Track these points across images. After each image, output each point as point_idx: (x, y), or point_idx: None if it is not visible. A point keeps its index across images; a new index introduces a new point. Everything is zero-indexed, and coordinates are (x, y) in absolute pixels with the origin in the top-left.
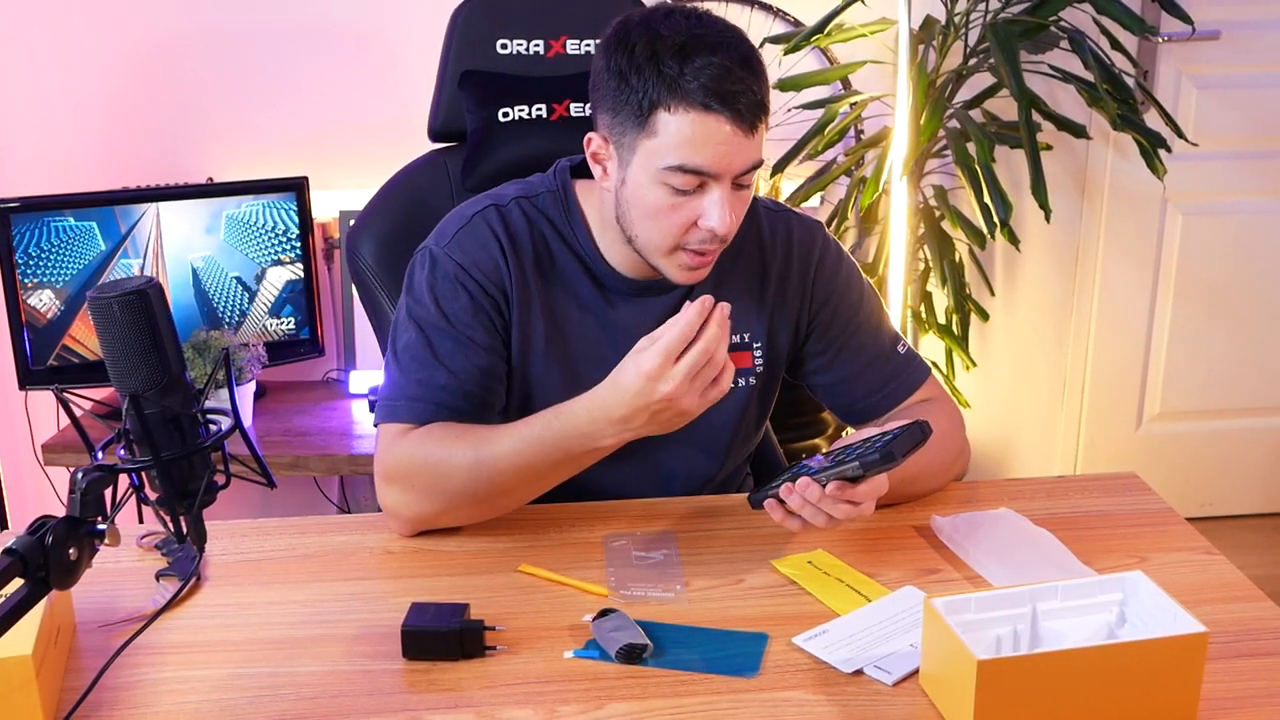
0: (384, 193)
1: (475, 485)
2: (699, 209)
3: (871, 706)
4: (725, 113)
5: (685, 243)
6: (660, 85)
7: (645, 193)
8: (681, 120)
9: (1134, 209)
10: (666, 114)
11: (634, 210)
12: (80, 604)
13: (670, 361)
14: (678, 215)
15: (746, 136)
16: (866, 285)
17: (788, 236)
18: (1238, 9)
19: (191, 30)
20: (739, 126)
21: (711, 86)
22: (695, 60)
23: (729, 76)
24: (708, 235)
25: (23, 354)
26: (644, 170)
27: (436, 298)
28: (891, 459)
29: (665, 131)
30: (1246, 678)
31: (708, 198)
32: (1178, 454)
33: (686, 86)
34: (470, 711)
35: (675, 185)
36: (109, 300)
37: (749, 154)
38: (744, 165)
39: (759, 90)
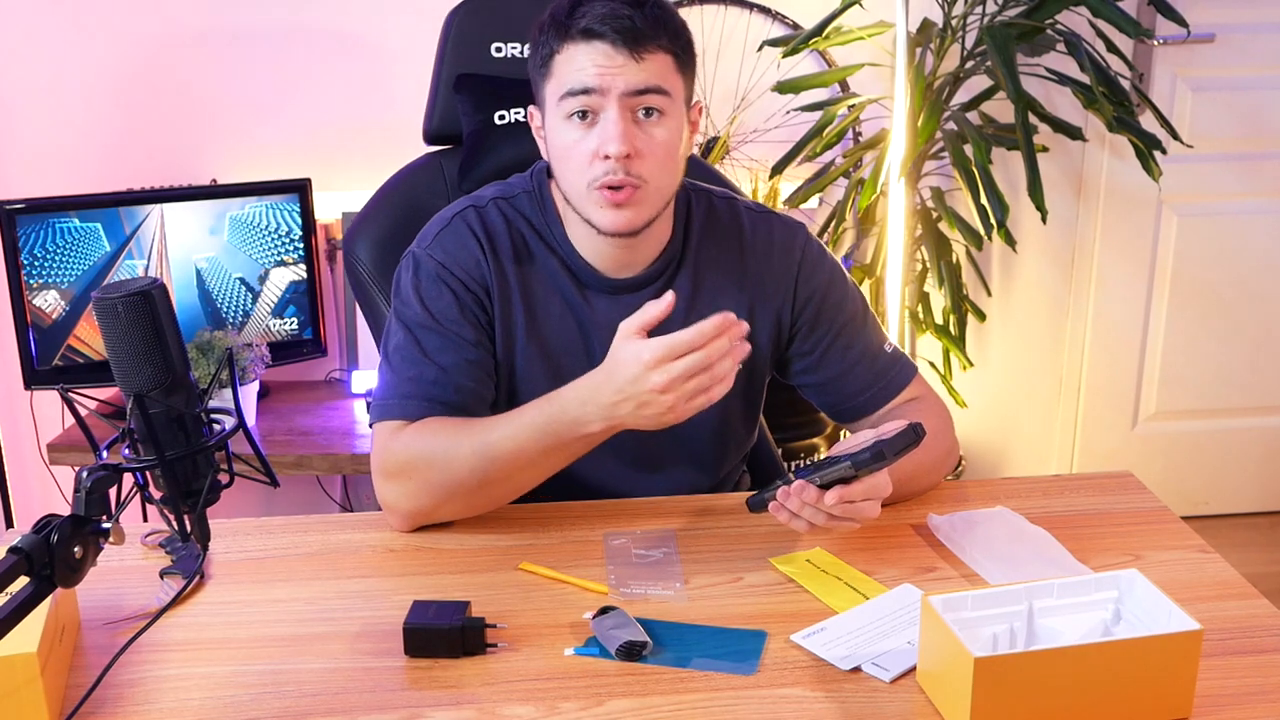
0: (380, 195)
1: (471, 474)
2: (598, 138)
3: (869, 703)
4: (603, 38)
5: (594, 178)
6: (554, 33)
7: (556, 135)
8: (567, 54)
9: (1129, 210)
10: (559, 55)
11: (556, 162)
12: (85, 602)
13: (671, 356)
14: (581, 148)
15: (630, 59)
16: (851, 285)
17: (769, 236)
18: (1232, 12)
19: (196, 33)
20: (618, 48)
21: (590, 23)
22: (582, 7)
23: (611, 11)
24: (611, 164)
25: (28, 354)
26: (552, 113)
27: (422, 297)
28: (882, 458)
29: (558, 69)
30: (1241, 675)
31: (601, 121)
32: (1173, 453)
33: (573, 27)
34: (471, 708)
35: (569, 112)
36: (114, 301)
37: (635, 75)
38: (629, 85)
39: (647, 23)
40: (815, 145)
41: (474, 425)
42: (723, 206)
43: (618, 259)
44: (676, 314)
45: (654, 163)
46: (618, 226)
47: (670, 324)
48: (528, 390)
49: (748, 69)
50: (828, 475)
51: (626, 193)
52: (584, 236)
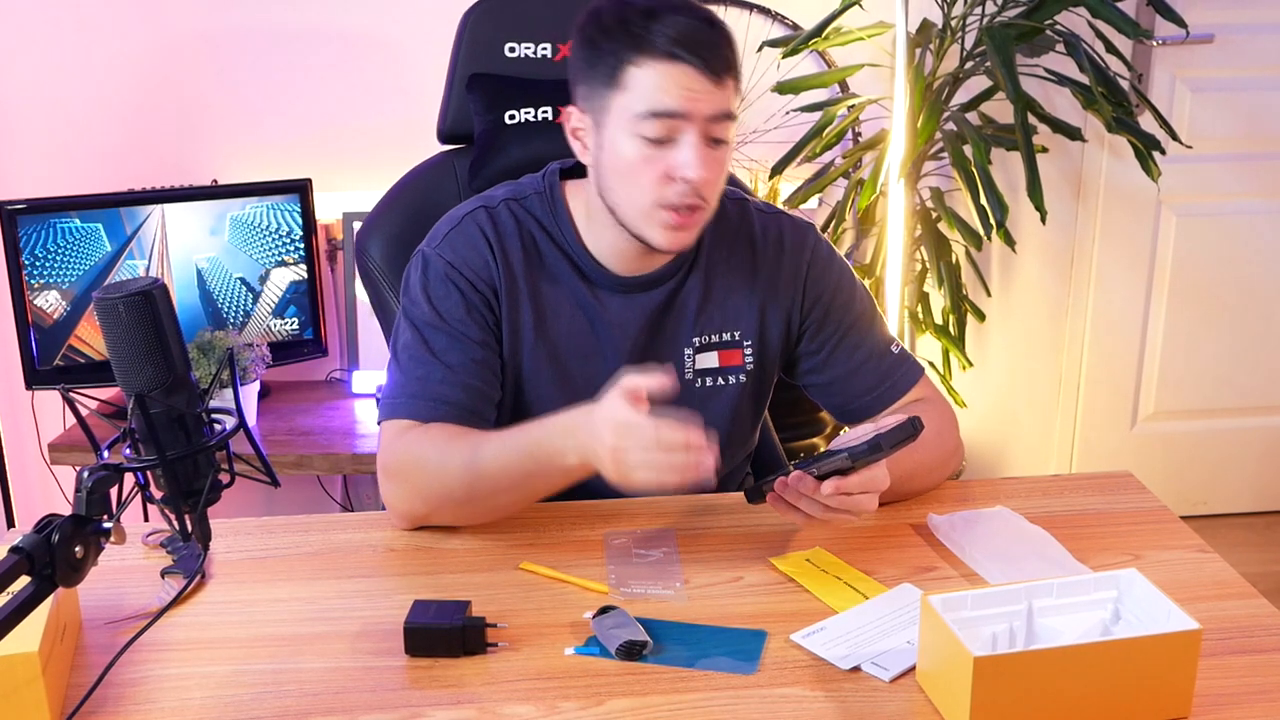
0: (393, 193)
1: (459, 485)
2: (673, 161)
3: (869, 702)
4: (692, 61)
5: (663, 198)
6: (629, 43)
7: (620, 148)
8: (650, 70)
9: (1128, 211)
10: (636, 68)
11: (611, 173)
12: (86, 601)
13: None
14: (652, 169)
15: (715, 85)
16: (859, 286)
17: (779, 236)
18: (1231, 13)
19: (196, 35)
20: (706, 74)
21: (677, 39)
22: (662, 19)
23: (695, 30)
24: (685, 187)
25: (29, 354)
26: (618, 127)
27: (430, 297)
28: (878, 449)
29: (635, 83)
30: (1240, 674)
31: (680, 145)
32: (1172, 453)
33: (654, 40)
34: (472, 707)
35: (648, 135)
36: (115, 301)
37: (718, 101)
38: (713, 110)
39: (724, 48)
40: (815, 145)
41: (470, 438)
42: (734, 208)
43: (636, 263)
44: (688, 314)
45: (715, 187)
46: (677, 246)
47: (681, 325)
48: (534, 392)
49: (747, 69)
50: (825, 467)
51: (691, 215)
52: (604, 239)
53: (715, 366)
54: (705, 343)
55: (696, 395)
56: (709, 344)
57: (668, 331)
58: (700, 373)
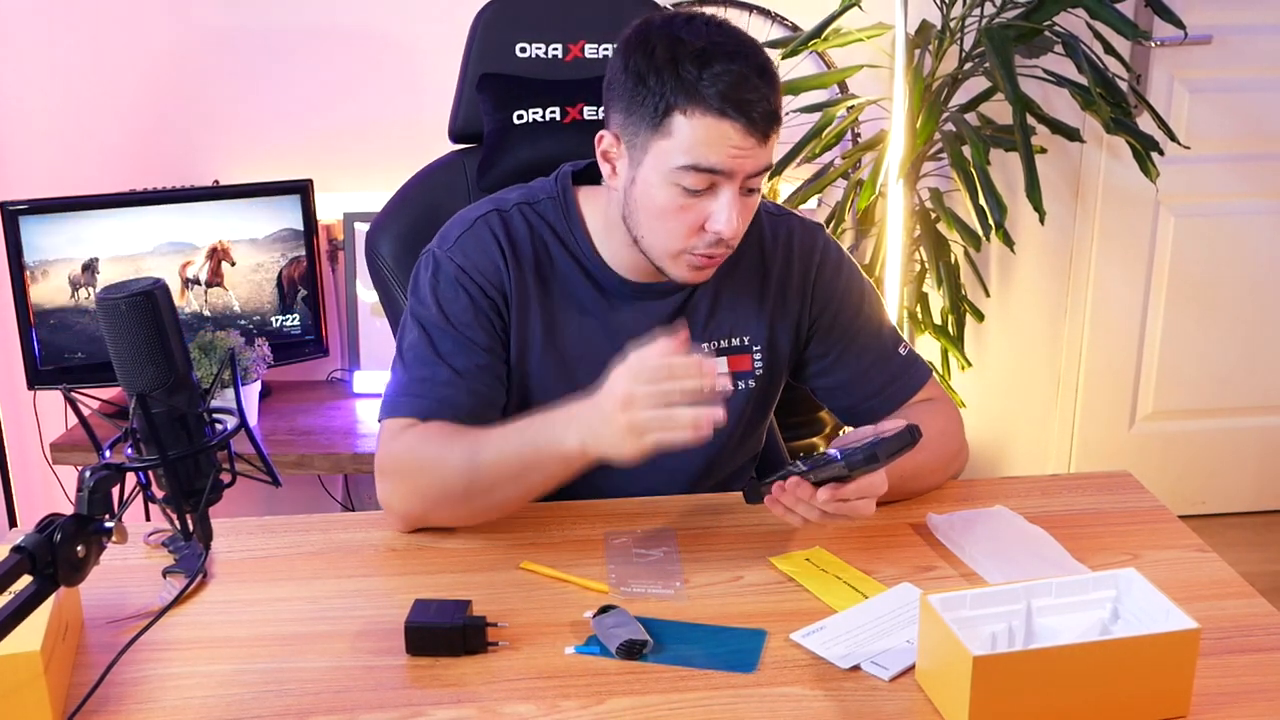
0: (404, 192)
1: (457, 480)
2: (707, 211)
3: (868, 701)
4: (740, 119)
5: (692, 246)
6: (678, 88)
7: (655, 193)
8: (697, 123)
9: (1127, 211)
10: (682, 117)
11: (642, 211)
12: (88, 600)
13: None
14: (686, 217)
15: (760, 143)
16: (868, 287)
17: (789, 239)
18: (1229, 14)
19: (197, 36)
20: (752, 133)
21: (728, 93)
22: (714, 66)
23: (745, 84)
24: (715, 238)
25: (31, 354)
26: (655, 170)
27: (438, 299)
28: (875, 460)
29: (680, 133)
30: (1238, 673)
31: (717, 200)
32: (1170, 452)
33: (704, 91)
34: (473, 706)
35: (686, 185)
36: (117, 301)
37: (760, 159)
38: (755, 169)
39: (773, 100)
40: (814, 146)
41: (468, 434)
42: None
43: (649, 273)
44: (698, 319)
45: (744, 232)
46: (697, 281)
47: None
48: (542, 399)
49: None
50: (822, 474)
51: (716, 258)
52: (620, 252)
53: (724, 372)
54: (714, 348)
55: None
56: (718, 349)
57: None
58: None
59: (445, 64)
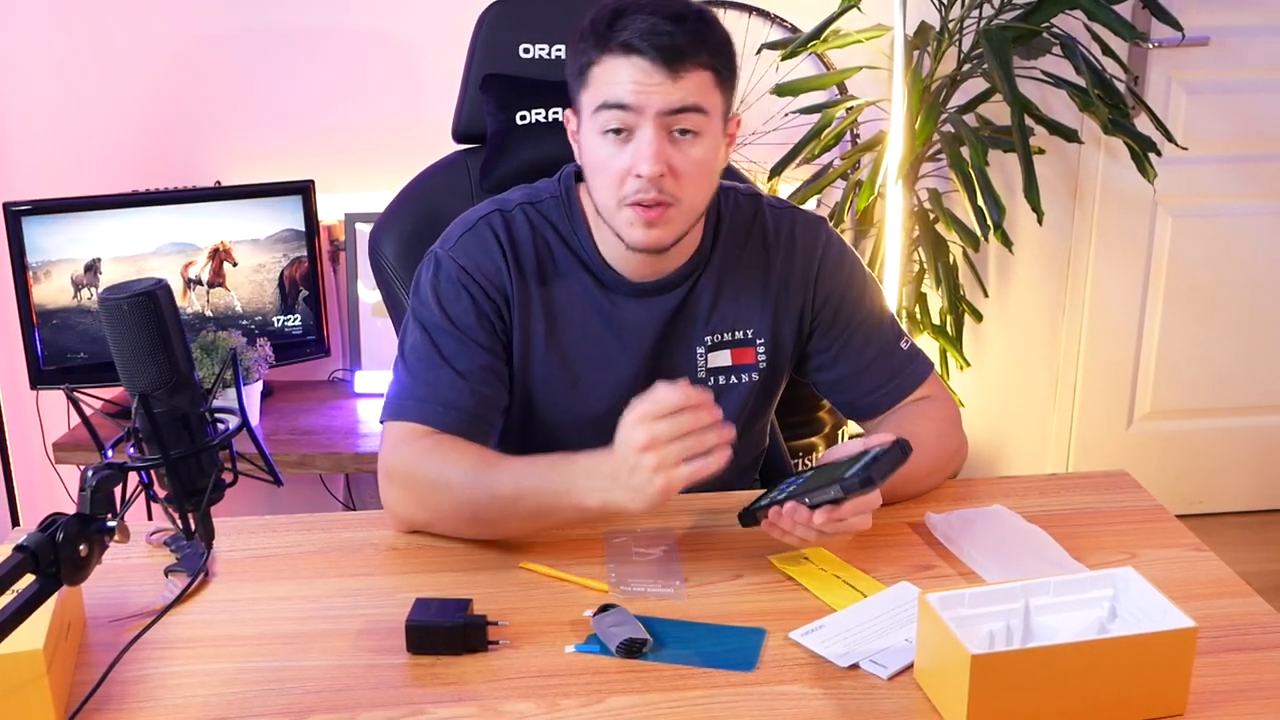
0: (407, 192)
1: (468, 504)
2: (630, 156)
3: (867, 700)
4: (643, 55)
5: (625, 195)
6: (594, 43)
7: (591, 148)
8: (605, 66)
9: (1125, 212)
10: (597, 67)
11: (589, 172)
12: (90, 599)
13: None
14: (615, 164)
15: (668, 78)
16: (870, 281)
17: (791, 232)
18: (1226, 15)
19: (199, 38)
20: (656, 65)
21: (631, 36)
22: (624, 18)
23: (652, 28)
24: (642, 183)
25: (34, 354)
26: (587, 125)
27: (440, 300)
28: (870, 484)
29: (595, 81)
30: (1235, 671)
31: (635, 140)
32: (1168, 452)
33: (613, 39)
34: (473, 705)
35: (606, 127)
36: (119, 301)
37: (672, 95)
38: (665, 104)
39: (688, 41)
40: (814, 147)
41: (486, 461)
42: (747, 204)
43: (645, 267)
44: (700, 313)
45: (687, 182)
46: (646, 244)
47: (694, 324)
48: (544, 399)
49: (747, 72)
50: (817, 497)
51: (658, 211)
52: (613, 245)
53: (728, 365)
54: (717, 341)
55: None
56: (721, 342)
57: (681, 332)
58: (713, 371)
59: (446, 65)
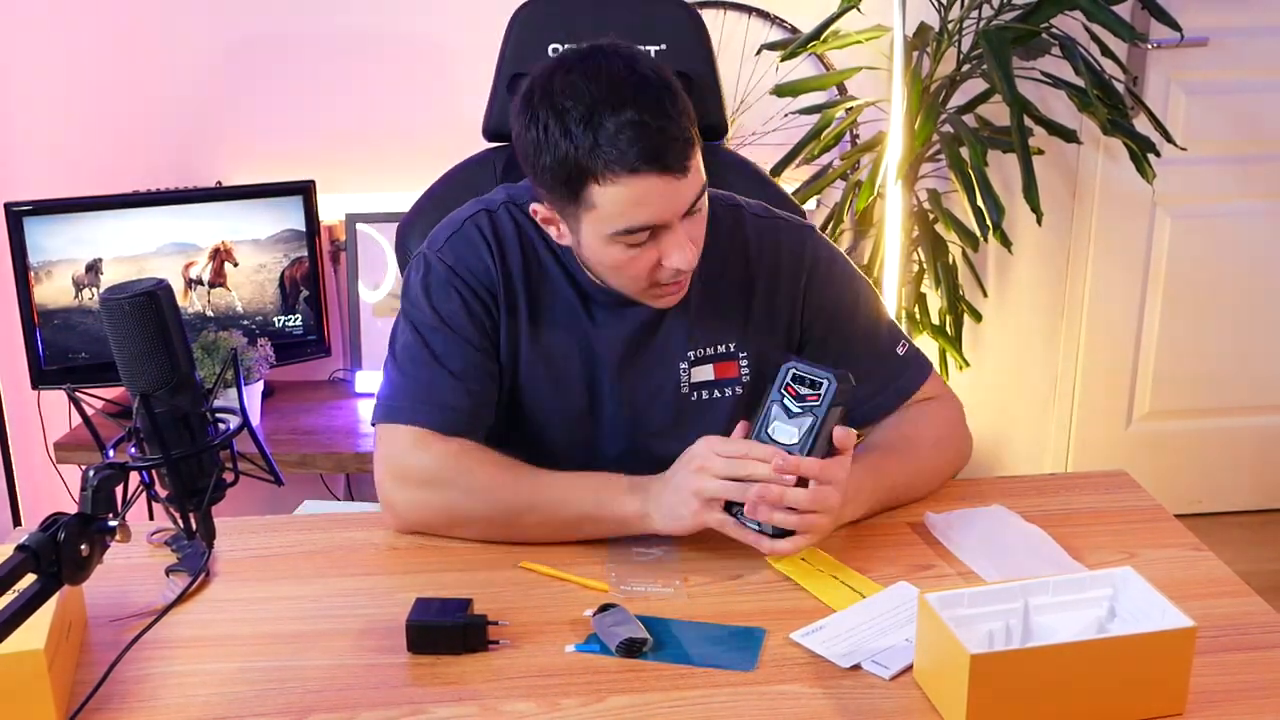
0: (435, 189)
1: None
2: (658, 252)
3: (866, 700)
4: (654, 169)
5: (655, 282)
6: (581, 159)
7: (602, 254)
8: (613, 189)
9: (1124, 212)
10: (598, 186)
11: (597, 266)
12: (91, 599)
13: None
14: (639, 265)
15: (682, 179)
16: (863, 285)
17: (775, 244)
18: (1225, 16)
19: (201, 38)
20: (672, 176)
21: (632, 150)
22: (606, 126)
23: (646, 133)
24: (674, 272)
25: (35, 354)
26: (593, 236)
27: (431, 300)
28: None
29: (602, 202)
30: (1234, 671)
31: (665, 241)
32: (1167, 452)
33: (607, 157)
34: (473, 704)
35: (628, 243)
36: (120, 301)
37: (689, 192)
38: (688, 204)
39: (680, 130)
40: (813, 148)
41: (520, 469)
42: (726, 215)
43: None
44: (681, 325)
45: (700, 244)
46: (672, 304)
47: (675, 337)
48: (530, 395)
49: (746, 72)
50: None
51: (684, 282)
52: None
53: (711, 379)
54: (700, 355)
55: (692, 408)
56: (704, 357)
57: (661, 344)
58: (696, 385)
59: (447, 65)
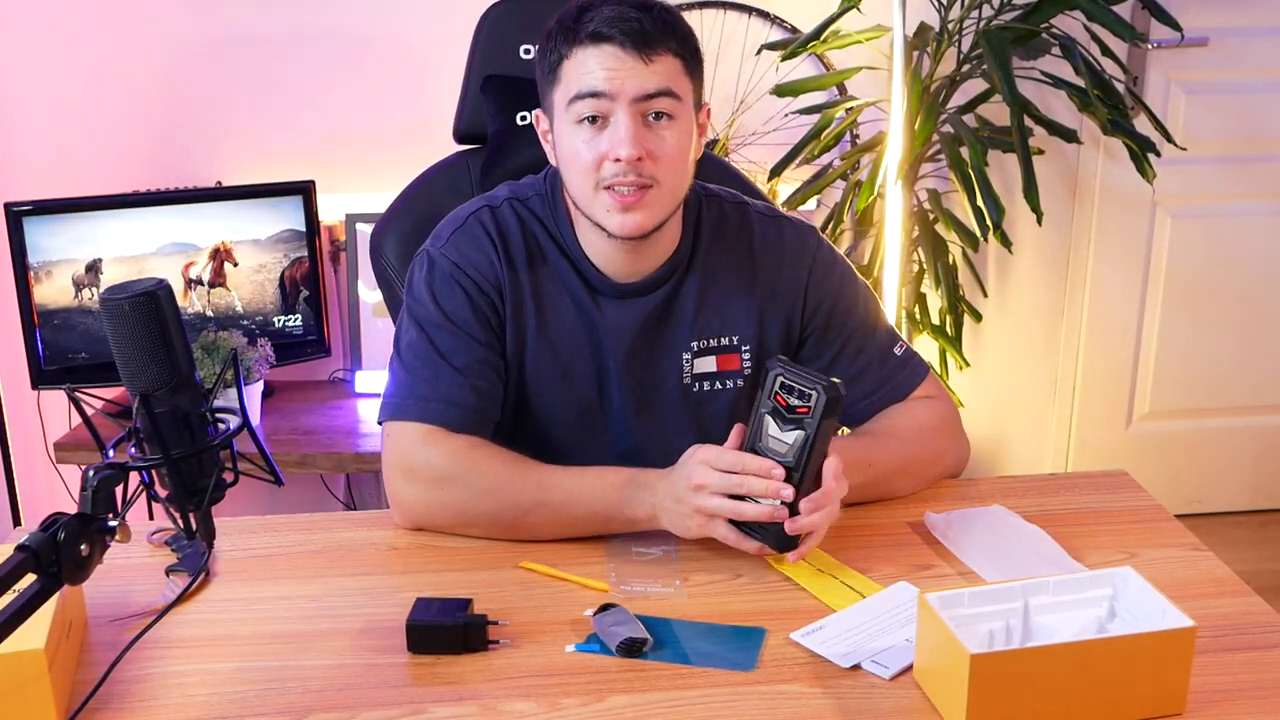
0: (408, 193)
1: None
2: (606, 142)
3: (866, 700)
4: (612, 41)
5: (602, 180)
6: (562, 40)
7: (566, 142)
8: (577, 57)
9: (1124, 212)
10: (568, 60)
11: (565, 167)
12: (92, 599)
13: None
14: (590, 152)
15: (640, 62)
16: (862, 287)
17: (779, 242)
18: (1225, 16)
19: (200, 39)
20: (627, 50)
21: (599, 26)
22: (591, 10)
23: (619, 15)
24: (620, 167)
25: (35, 354)
26: (561, 120)
27: (435, 297)
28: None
29: (567, 74)
30: (1234, 671)
31: (611, 125)
32: (1167, 452)
33: (580, 32)
34: (474, 704)
35: (580, 116)
36: (120, 301)
37: (645, 79)
38: (639, 89)
39: (655, 26)
40: (813, 148)
41: (529, 466)
42: (732, 211)
43: (626, 262)
44: (685, 318)
45: (665, 165)
46: (628, 229)
47: (678, 329)
48: (537, 390)
49: (746, 72)
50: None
51: (637, 195)
52: (593, 240)
53: (713, 371)
54: (703, 347)
55: (694, 399)
56: (707, 348)
57: (665, 335)
58: (698, 377)
59: (447, 65)
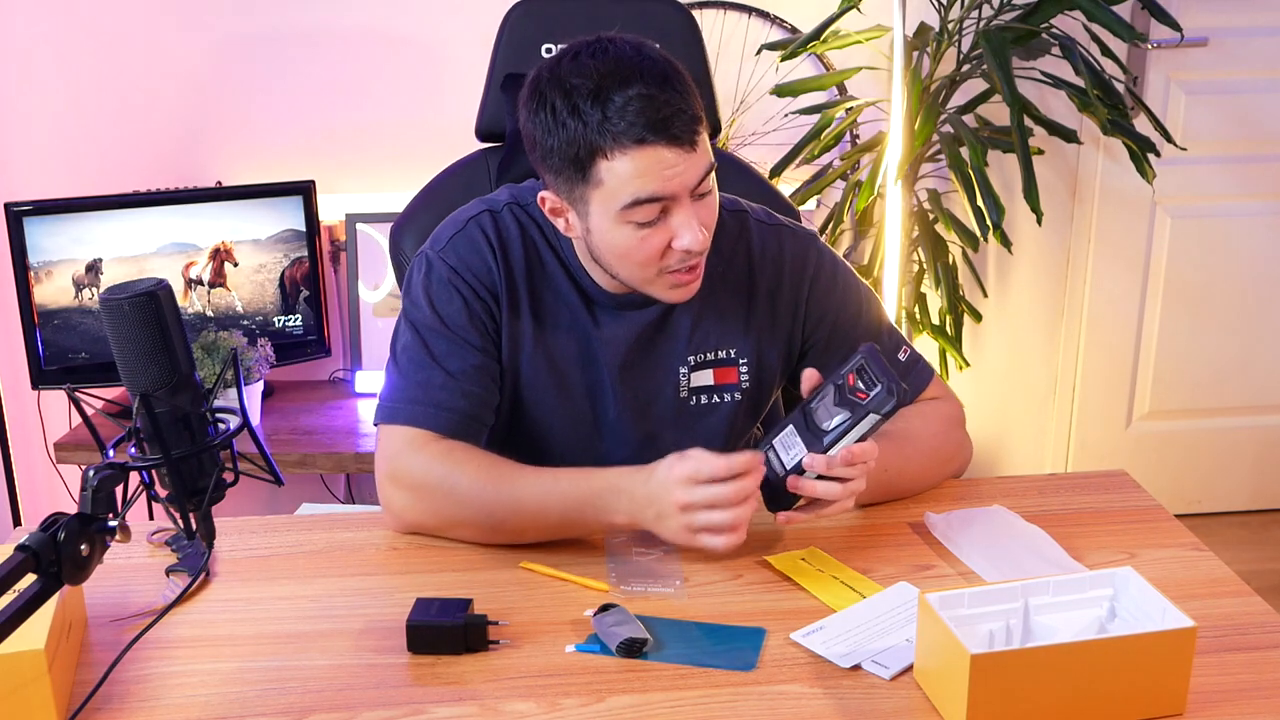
0: (428, 190)
1: (489, 517)
2: (669, 232)
3: (867, 700)
4: (661, 139)
5: (665, 267)
6: (589, 135)
7: (612, 237)
8: (622, 162)
9: (1123, 212)
10: (606, 161)
11: (607, 254)
12: (92, 599)
13: (697, 478)
14: (649, 246)
15: (690, 152)
16: (865, 293)
17: (779, 251)
18: (1225, 16)
19: (200, 38)
20: (680, 148)
21: (638, 120)
22: (614, 100)
23: (653, 105)
24: (684, 255)
25: (35, 354)
26: (603, 217)
27: (432, 301)
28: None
29: (610, 177)
30: (1234, 671)
31: (674, 220)
32: (1167, 452)
33: (615, 130)
34: (474, 704)
35: (638, 220)
36: (120, 301)
37: (697, 167)
38: (696, 178)
39: (687, 105)
40: (813, 148)
41: (504, 471)
42: (732, 221)
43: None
44: (682, 331)
45: (711, 230)
46: (687, 297)
47: (675, 342)
48: (532, 397)
49: (746, 72)
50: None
51: (696, 269)
52: (599, 271)
53: (710, 384)
54: (700, 360)
55: (691, 412)
56: (704, 362)
57: (661, 348)
58: (695, 390)
59: (447, 65)
